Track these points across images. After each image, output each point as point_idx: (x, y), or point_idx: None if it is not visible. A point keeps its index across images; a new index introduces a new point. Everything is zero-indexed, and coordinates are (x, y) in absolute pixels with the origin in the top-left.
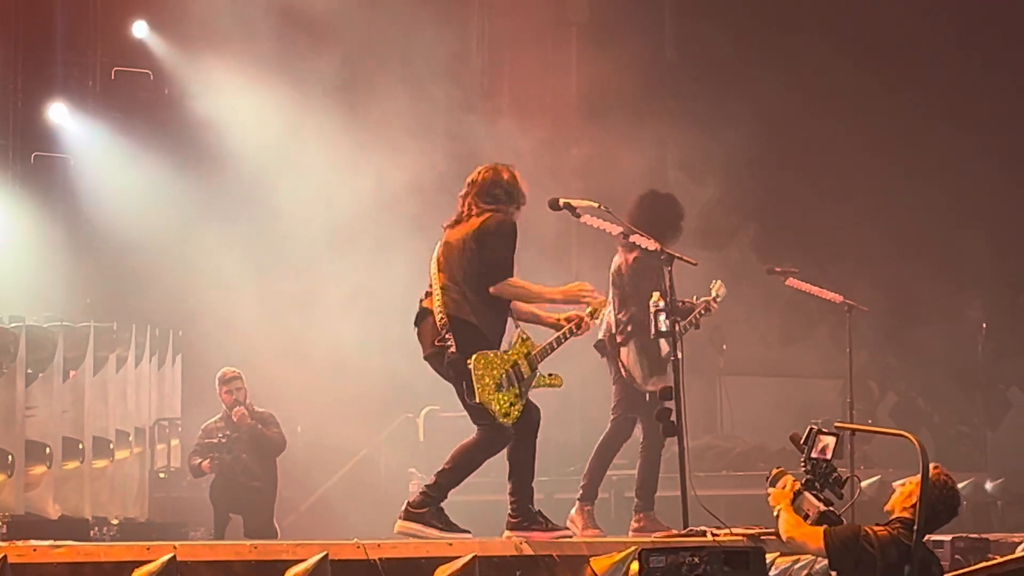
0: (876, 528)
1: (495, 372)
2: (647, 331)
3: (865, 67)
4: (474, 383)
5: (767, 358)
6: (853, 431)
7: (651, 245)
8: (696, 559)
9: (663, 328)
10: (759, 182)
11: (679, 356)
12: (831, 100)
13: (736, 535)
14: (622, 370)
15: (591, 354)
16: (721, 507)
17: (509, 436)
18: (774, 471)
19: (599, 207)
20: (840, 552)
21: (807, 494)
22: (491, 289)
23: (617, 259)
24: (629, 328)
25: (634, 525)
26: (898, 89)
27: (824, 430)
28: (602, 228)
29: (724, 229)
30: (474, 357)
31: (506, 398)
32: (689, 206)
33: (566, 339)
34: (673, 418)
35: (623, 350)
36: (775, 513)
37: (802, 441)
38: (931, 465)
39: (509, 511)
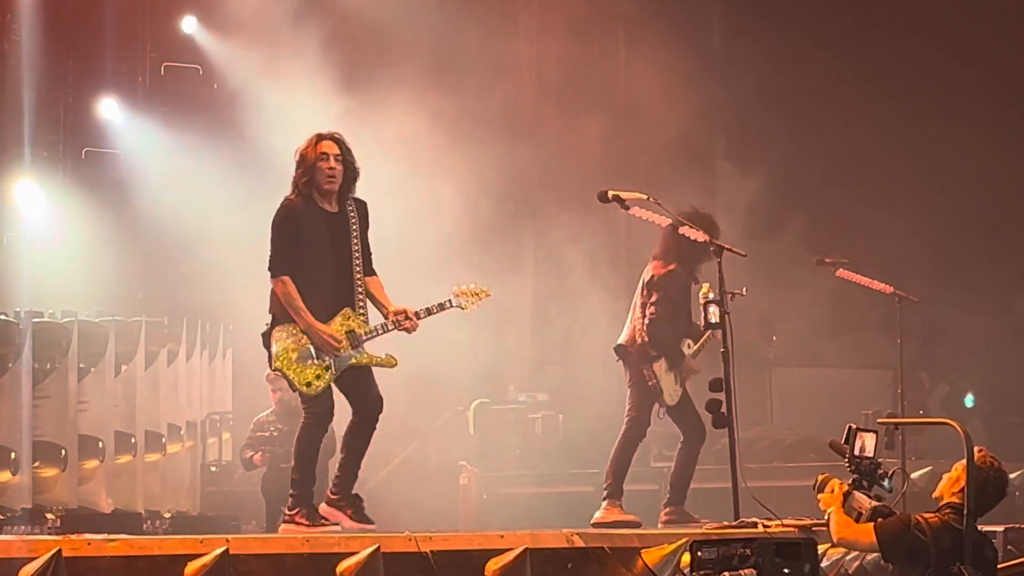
0: (927, 516)
1: (302, 344)
2: (678, 350)
3: (917, 46)
4: (272, 353)
5: (817, 349)
6: (896, 425)
7: (700, 237)
8: (747, 551)
9: (713, 320)
10: (808, 172)
11: (729, 347)
12: (882, 86)
13: (787, 526)
14: (647, 375)
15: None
16: (772, 498)
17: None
18: (820, 478)
19: (648, 199)
20: (892, 544)
21: (856, 493)
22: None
23: (650, 269)
24: (662, 340)
25: (663, 518)
26: (950, 71)
27: (863, 428)
28: (651, 220)
29: (772, 220)
30: (276, 328)
31: (311, 370)
32: (737, 197)
33: (387, 330)
34: (723, 410)
35: (657, 364)
36: (825, 518)
37: (843, 441)
38: (975, 448)
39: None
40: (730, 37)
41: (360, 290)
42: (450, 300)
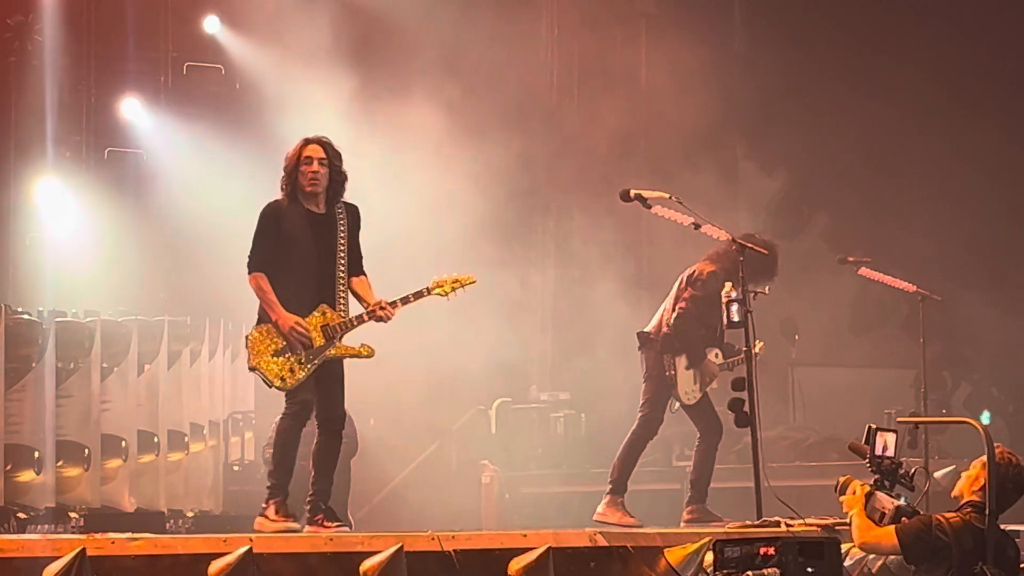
0: (948, 515)
1: (277, 341)
2: (701, 351)
3: (939, 41)
4: (249, 351)
5: (839, 348)
6: (916, 424)
7: (722, 236)
8: (771, 550)
9: (735, 319)
10: (829, 172)
11: (751, 347)
12: (904, 83)
13: (810, 525)
14: (666, 363)
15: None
16: (794, 498)
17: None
18: (841, 479)
19: (670, 198)
20: (914, 546)
21: (878, 494)
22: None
23: (696, 266)
24: (691, 340)
25: (685, 516)
26: (974, 67)
27: (883, 428)
28: (673, 219)
29: (794, 219)
30: (256, 327)
31: (284, 365)
32: (759, 197)
33: (363, 321)
34: (746, 409)
35: (679, 358)
36: (848, 520)
37: (864, 442)
38: (995, 445)
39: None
40: (752, 37)
41: (342, 289)
42: (427, 288)
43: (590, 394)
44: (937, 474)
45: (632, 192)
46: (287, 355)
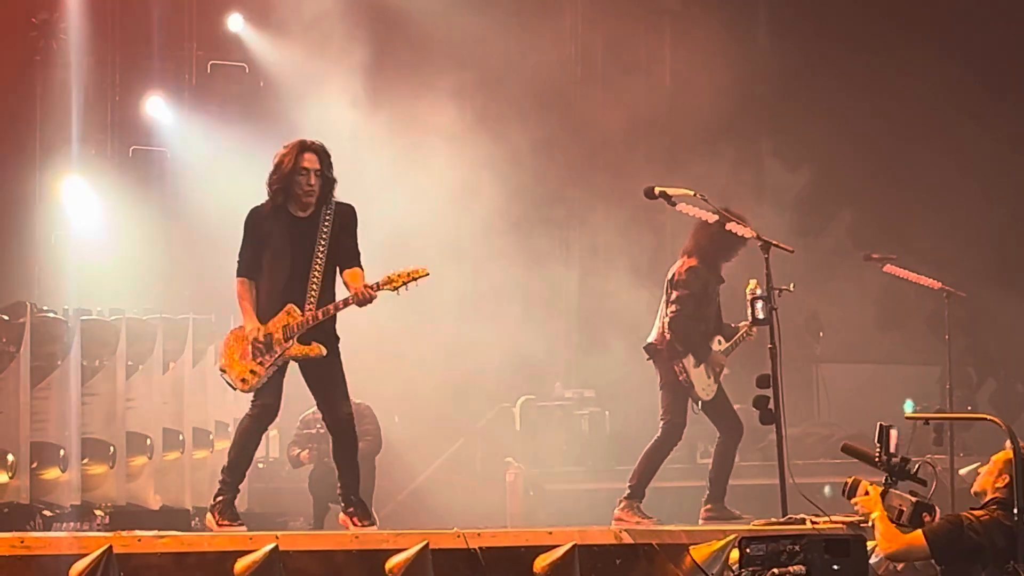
0: (976, 513)
1: (243, 344)
2: (705, 345)
3: (962, 38)
4: (221, 354)
5: (864, 345)
6: (926, 420)
7: (747, 233)
8: (796, 547)
9: (760, 316)
10: (854, 168)
11: (776, 344)
12: (930, 83)
13: (836, 523)
14: (678, 370)
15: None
16: (819, 495)
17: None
18: (849, 481)
19: (694, 195)
20: (946, 548)
21: (893, 491)
22: None
23: (674, 266)
24: (692, 337)
25: (703, 514)
26: (997, 61)
27: (888, 425)
28: (697, 216)
29: (819, 216)
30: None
31: (247, 367)
32: (783, 193)
33: (319, 319)
34: (771, 406)
35: (687, 360)
36: (869, 523)
37: (876, 440)
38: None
39: None
40: (776, 33)
41: (314, 287)
42: (377, 283)
43: (615, 391)
44: (962, 471)
45: (657, 189)
46: (248, 358)
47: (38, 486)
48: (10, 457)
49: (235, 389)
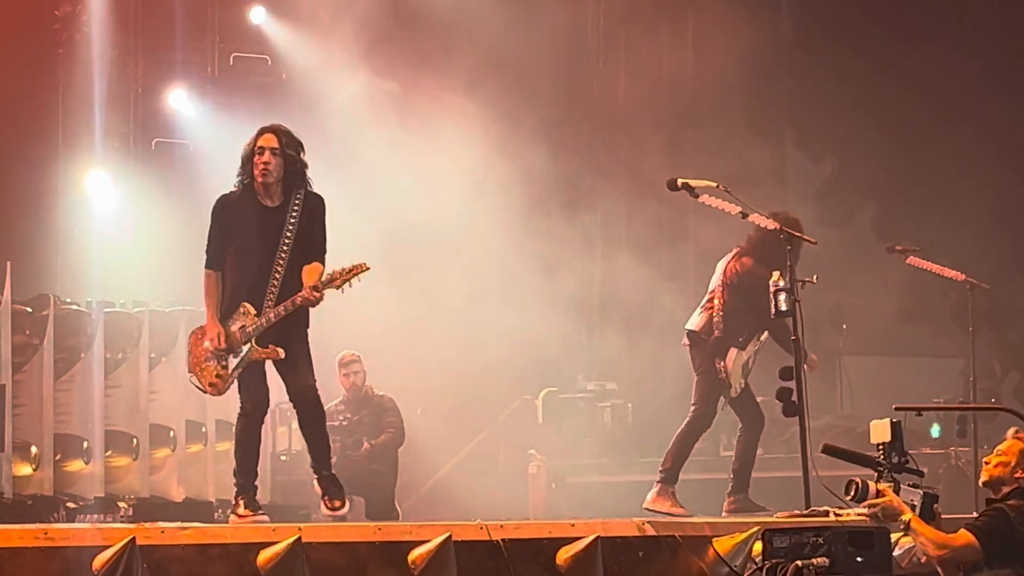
0: (1011, 504)
1: (207, 345)
2: (752, 341)
3: (986, 26)
4: (188, 355)
5: (888, 337)
6: (918, 411)
7: (770, 225)
8: (819, 539)
9: (783, 307)
10: (878, 160)
11: (799, 336)
12: (954, 76)
13: (860, 515)
14: (720, 367)
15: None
16: (843, 487)
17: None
18: (858, 483)
19: (717, 186)
20: (998, 544)
21: (903, 486)
22: None
23: (729, 261)
24: (737, 334)
25: (727, 506)
26: (1021, 51)
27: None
28: (720, 208)
29: (843, 207)
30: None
31: (212, 371)
32: (806, 185)
33: (271, 321)
34: (794, 398)
35: (729, 355)
36: (901, 527)
37: (892, 436)
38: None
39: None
40: (800, 23)
41: (275, 285)
42: (320, 282)
43: (637, 383)
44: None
45: (679, 181)
46: (212, 362)
47: (61, 478)
48: (33, 449)
49: (204, 392)
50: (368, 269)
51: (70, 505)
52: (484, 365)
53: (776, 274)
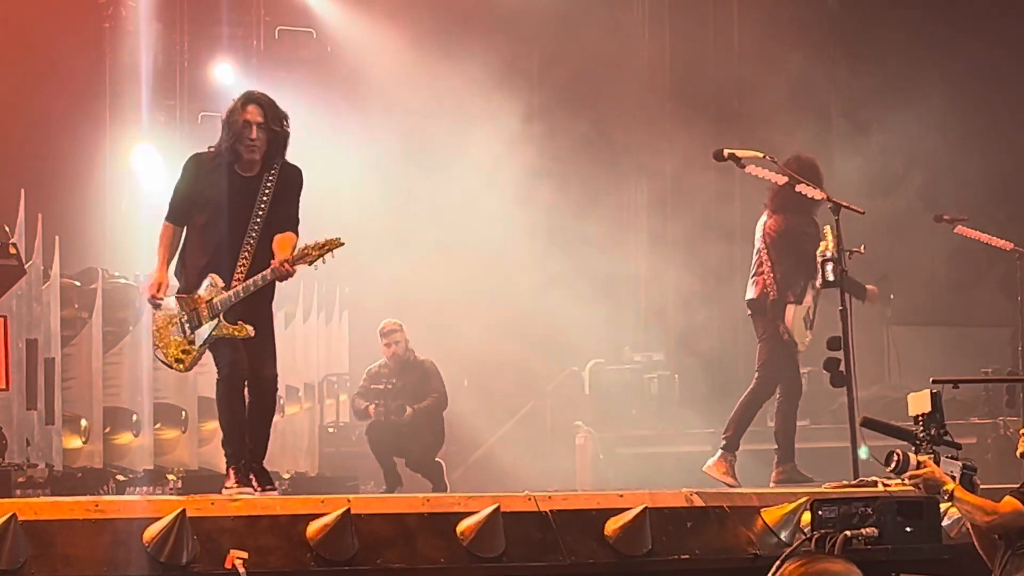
0: None
1: (174, 319)
2: (803, 293)
3: None
4: (155, 331)
5: (935, 306)
6: (955, 383)
7: (817, 195)
8: (868, 509)
9: (830, 278)
10: (925, 129)
11: (847, 306)
12: (1003, 42)
13: (908, 485)
14: (782, 330)
15: None
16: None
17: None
18: (898, 454)
19: (764, 157)
20: None
21: (943, 459)
22: None
23: (766, 220)
24: (791, 290)
25: (775, 476)
26: None
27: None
28: (767, 178)
29: (890, 177)
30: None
31: (179, 345)
32: (853, 155)
33: (239, 296)
34: (841, 368)
35: (789, 309)
36: (945, 497)
37: (932, 407)
38: None
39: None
40: None
41: (246, 258)
42: (292, 257)
43: (684, 354)
44: None
45: (726, 152)
46: (179, 336)
47: (111, 451)
48: (83, 422)
49: (170, 368)
50: (343, 244)
51: (120, 478)
52: (530, 337)
53: (823, 244)
